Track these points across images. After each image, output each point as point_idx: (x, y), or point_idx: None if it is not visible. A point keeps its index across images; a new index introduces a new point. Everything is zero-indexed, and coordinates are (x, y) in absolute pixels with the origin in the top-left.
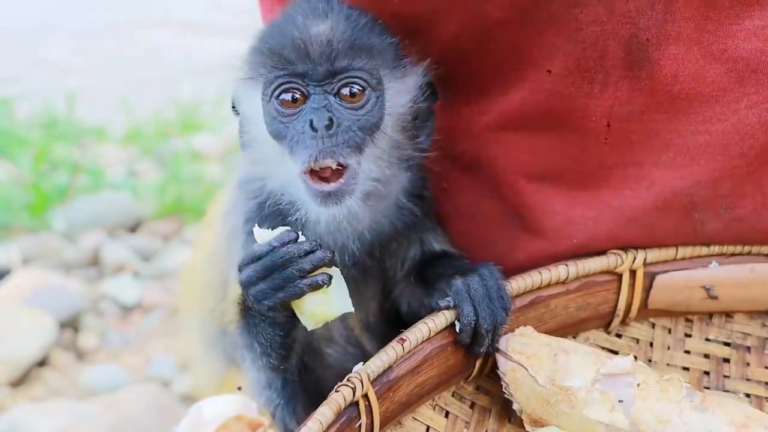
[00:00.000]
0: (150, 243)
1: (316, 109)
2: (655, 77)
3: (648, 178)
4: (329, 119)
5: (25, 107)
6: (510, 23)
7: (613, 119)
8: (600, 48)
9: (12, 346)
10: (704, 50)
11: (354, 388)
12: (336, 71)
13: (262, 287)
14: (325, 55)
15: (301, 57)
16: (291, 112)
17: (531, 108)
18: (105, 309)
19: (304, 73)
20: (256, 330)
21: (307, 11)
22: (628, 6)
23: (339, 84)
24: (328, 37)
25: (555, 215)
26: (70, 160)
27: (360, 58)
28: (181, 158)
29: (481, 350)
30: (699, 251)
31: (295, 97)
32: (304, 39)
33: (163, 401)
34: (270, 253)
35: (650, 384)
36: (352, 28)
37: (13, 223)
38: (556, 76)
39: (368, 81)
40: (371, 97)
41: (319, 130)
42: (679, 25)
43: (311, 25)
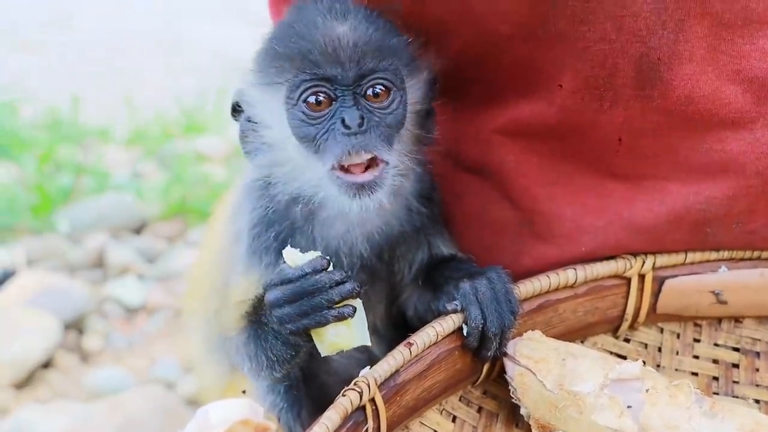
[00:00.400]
0: (154, 244)
1: (347, 108)
2: (668, 97)
3: (661, 191)
4: (361, 117)
5: (30, 109)
6: (517, 39)
7: (624, 134)
8: (609, 66)
9: (16, 347)
10: (719, 71)
11: (361, 392)
12: (364, 74)
13: (288, 311)
14: (354, 59)
15: (329, 61)
16: (319, 115)
17: (542, 118)
18: (109, 310)
19: (333, 77)
20: (265, 344)
21: (325, 12)
22: (638, 24)
23: (367, 85)
24: (354, 39)
25: (565, 222)
26: (74, 161)
27: (385, 58)
28: (185, 160)
29: (488, 354)
30: (708, 256)
31: (321, 100)
32: (330, 42)
33: (168, 403)
34: (301, 279)
35: (659, 389)
36: (374, 28)
37: (17, 225)
38: (566, 91)
39: (393, 81)
40: (396, 96)
41: (353, 127)
42: (691, 44)
43: (334, 27)
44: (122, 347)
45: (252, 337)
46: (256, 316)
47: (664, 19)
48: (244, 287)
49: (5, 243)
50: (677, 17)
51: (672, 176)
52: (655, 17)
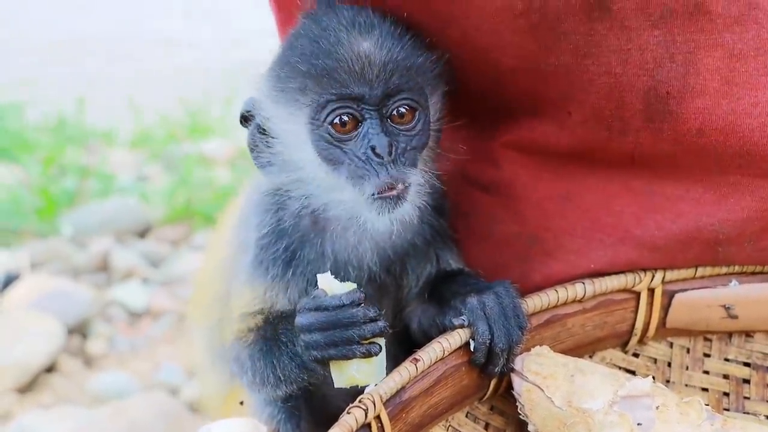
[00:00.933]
0: (159, 248)
1: (376, 133)
2: (679, 130)
3: (674, 210)
4: (390, 144)
5: (35, 111)
6: (521, 72)
7: (637, 159)
8: (615, 99)
9: (20, 351)
10: (734, 103)
11: (366, 410)
12: (391, 93)
13: (317, 338)
14: (382, 77)
15: (357, 79)
16: (346, 137)
17: (554, 139)
18: (113, 314)
19: (359, 97)
20: (277, 363)
21: (348, 26)
22: (644, 57)
23: (393, 106)
24: (381, 57)
25: (575, 239)
26: (79, 164)
27: (411, 78)
28: (190, 163)
29: (495, 370)
30: (719, 270)
31: (346, 121)
32: (357, 60)
33: (171, 409)
34: (337, 310)
35: (670, 407)
36: (400, 45)
37: (21, 228)
38: (574, 119)
39: (418, 101)
40: (421, 117)
41: (384, 156)
42: (703, 77)
43: (360, 44)
44: (126, 351)
45: (263, 353)
46: (273, 333)
47: (672, 52)
48: (248, 298)
49: (9, 246)
50: (686, 50)
51: (685, 196)
52: (662, 50)
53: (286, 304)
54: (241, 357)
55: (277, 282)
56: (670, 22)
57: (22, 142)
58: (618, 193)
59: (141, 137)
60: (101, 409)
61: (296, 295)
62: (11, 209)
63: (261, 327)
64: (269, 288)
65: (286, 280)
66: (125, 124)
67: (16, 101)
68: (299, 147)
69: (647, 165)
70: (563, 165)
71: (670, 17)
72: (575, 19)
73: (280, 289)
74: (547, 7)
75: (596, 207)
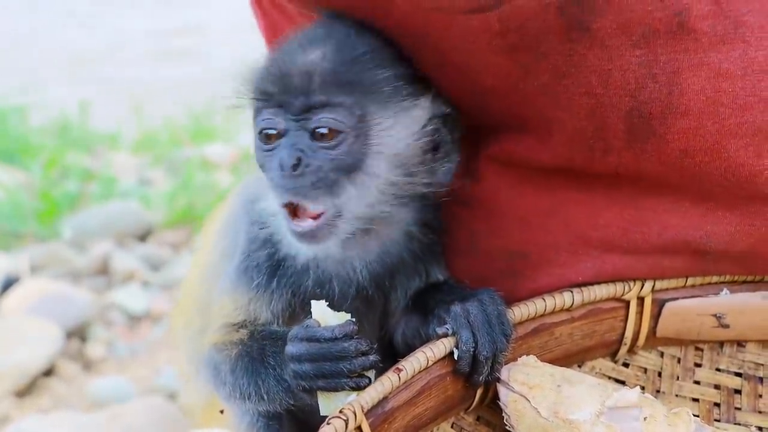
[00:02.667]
0: (159, 252)
1: (288, 146)
2: (663, 151)
3: (660, 223)
4: (297, 159)
5: (39, 115)
6: (500, 92)
7: (621, 175)
8: (597, 119)
9: (18, 355)
10: (719, 124)
11: (347, 420)
12: (312, 106)
13: (306, 368)
14: (303, 88)
15: (280, 88)
16: (270, 147)
17: (536, 155)
18: (113, 318)
19: (282, 105)
20: (261, 383)
21: (305, 39)
22: (626, 77)
23: (315, 120)
24: (308, 68)
25: (560, 253)
26: (81, 167)
27: (340, 93)
28: (192, 167)
29: (480, 379)
30: (709, 279)
31: (270, 133)
32: (285, 69)
33: (168, 413)
34: (329, 342)
35: (658, 418)
36: (341, 59)
37: (22, 231)
38: (555, 139)
39: (344, 120)
40: (348, 137)
41: (285, 168)
42: (687, 98)
43: (299, 54)
44: (125, 356)
45: (246, 370)
46: (259, 353)
47: (654, 72)
48: (231, 307)
49: (10, 249)
50: (669, 69)
51: (672, 209)
52: (644, 70)
53: (270, 317)
54: (221, 369)
55: (261, 293)
56: (653, 42)
57: (25, 145)
58: (603, 207)
59: (144, 141)
60: (99, 413)
61: (280, 308)
62: (12, 212)
63: (246, 343)
64: (253, 299)
65: (270, 290)
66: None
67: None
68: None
69: (632, 182)
70: (547, 179)
71: (652, 37)
72: (554, 39)
73: (263, 301)
74: (524, 27)
75: (581, 221)
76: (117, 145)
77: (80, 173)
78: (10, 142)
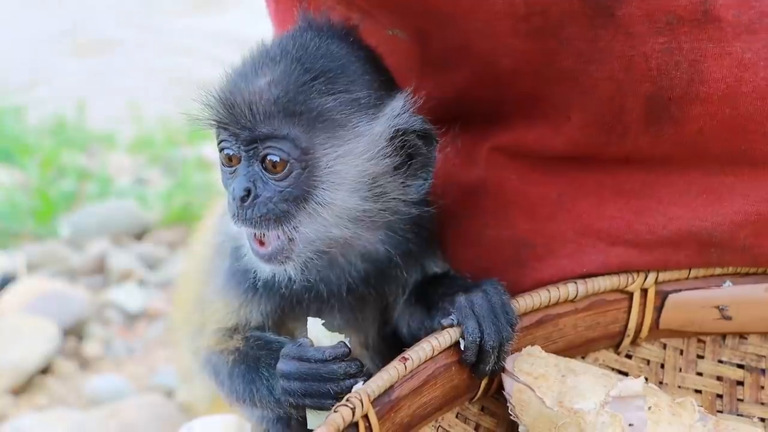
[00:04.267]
0: (156, 251)
1: (240, 176)
2: (679, 134)
3: (666, 215)
4: (246, 190)
5: (35, 114)
6: (521, 75)
7: (632, 160)
8: (617, 104)
9: (15, 353)
10: (736, 112)
11: (354, 408)
12: (258, 137)
13: (295, 386)
14: (247, 120)
15: (228, 118)
16: (228, 171)
17: (548, 144)
18: (109, 317)
19: (235, 134)
20: (255, 390)
21: (257, 61)
22: (649, 64)
23: (263, 151)
24: (252, 98)
25: (566, 244)
26: (78, 167)
27: (285, 124)
28: (189, 166)
29: (486, 369)
30: (713, 270)
31: (230, 157)
32: (232, 99)
33: (166, 411)
34: (318, 363)
35: (662, 407)
36: (287, 87)
37: (19, 230)
38: (573, 123)
39: (289, 152)
40: (295, 168)
41: (235, 200)
42: (708, 86)
43: (247, 82)
44: (122, 354)
45: (242, 377)
46: (254, 362)
47: (677, 60)
48: (223, 311)
49: (6, 248)
50: (692, 58)
51: (678, 201)
52: (667, 57)
53: (261, 319)
54: (219, 372)
55: (250, 297)
56: (677, 30)
57: (22, 144)
58: (610, 198)
59: (140, 142)
60: (96, 410)
61: (269, 309)
62: (8, 211)
63: (242, 351)
64: (243, 303)
65: (259, 294)
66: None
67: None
68: None
69: (641, 167)
70: (554, 169)
71: (676, 24)
72: (578, 24)
73: (253, 305)
74: (549, 11)
75: (588, 211)
76: (113, 146)
77: (77, 173)
78: (7, 142)
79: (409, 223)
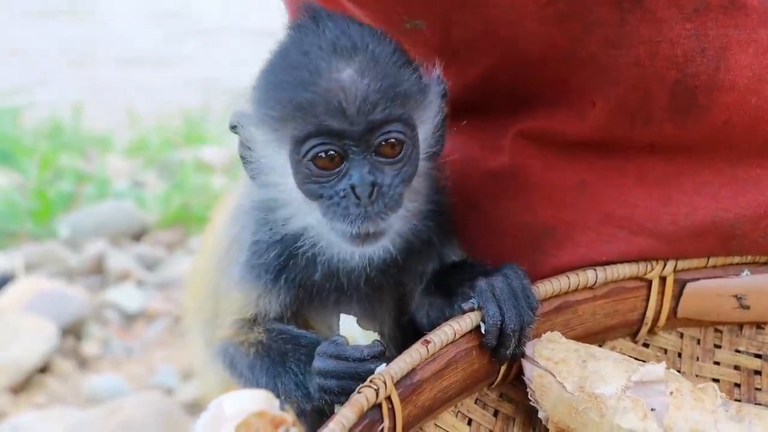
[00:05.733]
0: (154, 252)
1: (358, 172)
2: (703, 123)
3: (690, 205)
4: (372, 184)
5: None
6: (546, 61)
7: (656, 148)
8: (642, 90)
9: (14, 352)
10: (763, 100)
11: (377, 390)
12: (374, 126)
13: (331, 384)
14: (363, 111)
15: (336, 115)
16: (328, 174)
17: (573, 130)
18: (108, 317)
19: (340, 132)
20: (281, 385)
21: (329, 51)
22: (675, 51)
23: (377, 140)
24: (363, 89)
25: (587, 231)
26: (75, 169)
27: (395, 107)
28: (186, 168)
29: (507, 353)
30: (731, 260)
31: (333, 158)
32: (336, 93)
33: (166, 408)
34: (356, 362)
35: (684, 392)
36: (384, 71)
37: (17, 230)
38: (598, 110)
39: (404, 132)
40: (408, 147)
41: (363, 198)
42: (733, 73)
43: (339, 72)
44: (120, 354)
45: (266, 370)
46: (279, 357)
47: (704, 46)
48: (241, 302)
49: (5, 248)
50: (718, 45)
51: (702, 191)
52: (693, 44)
53: (279, 310)
54: (237, 364)
55: (269, 288)
56: (704, 16)
57: (19, 146)
58: (633, 186)
59: (137, 144)
60: (94, 410)
61: (288, 301)
62: (7, 212)
63: (265, 344)
64: (262, 294)
65: (278, 286)
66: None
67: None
68: (280, 171)
69: (666, 156)
70: (578, 155)
71: (704, 10)
72: (605, 10)
73: (272, 296)
74: None
75: (610, 199)
76: (110, 148)
77: (74, 174)
78: (4, 143)
79: (427, 211)
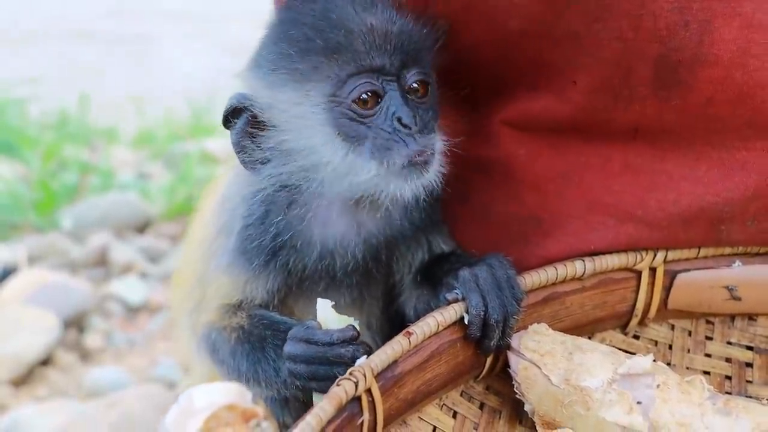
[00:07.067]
0: (158, 244)
1: (400, 105)
2: (687, 99)
3: (676, 190)
4: (414, 114)
5: (38, 108)
6: (529, 36)
7: (640, 132)
8: (624, 66)
9: (16, 344)
10: (748, 76)
11: (357, 382)
12: (407, 64)
13: (301, 369)
14: (398, 48)
15: (376, 51)
16: (369, 112)
17: (554, 113)
18: (111, 309)
19: (380, 68)
20: (259, 371)
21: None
22: (657, 24)
23: (411, 77)
24: (395, 28)
25: (574, 220)
26: (80, 160)
27: (421, 48)
28: (191, 160)
29: (491, 344)
30: (722, 250)
31: (375, 95)
32: (373, 32)
33: (166, 401)
34: (325, 346)
35: (671, 385)
36: (404, 18)
37: (20, 222)
38: (580, 88)
39: (428, 74)
40: (431, 87)
41: (411, 126)
42: (717, 47)
43: (368, 13)
44: (123, 346)
45: (246, 355)
46: (259, 342)
47: (687, 20)
48: (228, 288)
49: (8, 240)
50: (702, 17)
51: (689, 176)
52: (676, 17)
53: (266, 296)
54: (219, 349)
55: (258, 273)
56: None
57: (24, 137)
58: (619, 173)
59: (143, 136)
60: (96, 401)
61: (275, 287)
62: (10, 203)
63: (246, 329)
64: (250, 279)
65: (267, 271)
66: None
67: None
68: (311, 131)
69: (650, 139)
70: (562, 142)
71: None
72: None
73: (260, 282)
74: None
75: (596, 187)
76: (115, 139)
77: (78, 165)
78: (9, 135)
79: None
